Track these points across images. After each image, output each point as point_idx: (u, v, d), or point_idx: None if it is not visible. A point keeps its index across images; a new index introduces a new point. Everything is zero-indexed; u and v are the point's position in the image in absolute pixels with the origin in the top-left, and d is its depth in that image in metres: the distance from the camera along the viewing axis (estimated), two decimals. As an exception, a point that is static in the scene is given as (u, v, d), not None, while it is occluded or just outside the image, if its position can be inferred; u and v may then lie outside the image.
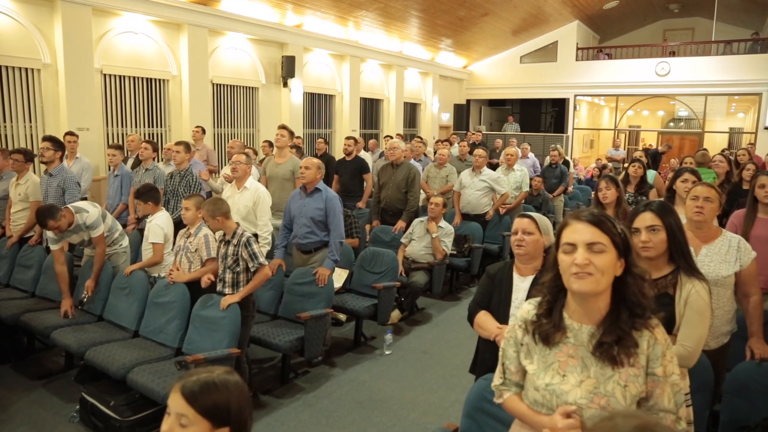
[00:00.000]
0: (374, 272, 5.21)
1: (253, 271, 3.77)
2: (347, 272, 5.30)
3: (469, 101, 17.61)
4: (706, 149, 8.20)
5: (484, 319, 2.57)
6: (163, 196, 5.67)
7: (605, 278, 1.51)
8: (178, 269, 4.06)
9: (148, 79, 8.56)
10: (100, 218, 4.46)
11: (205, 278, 3.88)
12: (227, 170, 6.10)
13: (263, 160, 7.19)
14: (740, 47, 14.88)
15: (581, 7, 14.73)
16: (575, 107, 16.69)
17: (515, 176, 7.39)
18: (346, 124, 12.57)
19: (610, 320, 1.54)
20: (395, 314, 5.47)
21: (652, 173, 7.30)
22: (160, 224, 4.48)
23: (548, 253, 2.58)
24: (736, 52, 14.77)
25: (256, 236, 4.79)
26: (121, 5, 7.77)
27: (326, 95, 12.30)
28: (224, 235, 3.83)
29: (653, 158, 11.57)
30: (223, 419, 1.29)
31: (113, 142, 7.79)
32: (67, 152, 6.14)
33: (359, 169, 7.23)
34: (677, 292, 2.28)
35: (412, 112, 15.57)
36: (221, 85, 9.72)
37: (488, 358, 2.58)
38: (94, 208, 4.50)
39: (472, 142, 11.04)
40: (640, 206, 2.47)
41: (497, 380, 1.78)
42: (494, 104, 18.71)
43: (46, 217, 4.20)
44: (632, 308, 1.54)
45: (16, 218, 5.32)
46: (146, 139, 5.99)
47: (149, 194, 4.55)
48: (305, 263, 4.70)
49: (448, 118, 17.02)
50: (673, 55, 15.37)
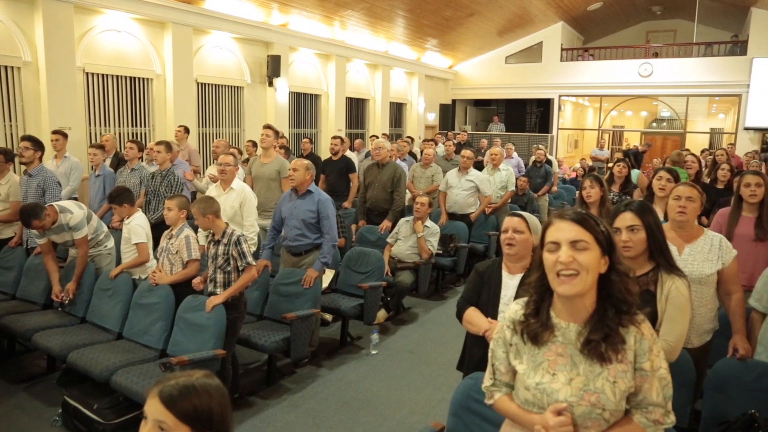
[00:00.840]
0: (360, 272, 5.20)
1: (241, 270, 3.75)
2: (333, 272, 5.29)
3: (454, 101, 17.67)
4: (687, 149, 8.32)
5: (473, 314, 2.59)
6: (144, 196, 5.63)
7: (590, 276, 1.52)
8: (161, 271, 4.03)
9: (131, 77, 8.48)
10: (84, 220, 4.39)
11: (196, 281, 3.85)
12: (213, 170, 6.05)
13: (247, 160, 7.15)
14: (720, 49, 15.12)
15: (565, 8, 14.85)
16: (560, 107, 16.82)
17: (501, 176, 7.43)
18: (331, 123, 12.55)
19: (596, 318, 1.56)
20: (381, 314, 5.48)
21: (636, 173, 7.39)
22: (140, 224, 4.41)
23: (535, 252, 2.61)
24: (716, 54, 15.01)
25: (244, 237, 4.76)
26: (103, 3, 7.69)
27: (312, 95, 12.27)
28: (213, 234, 3.80)
29: (635, 158, 11.71)
30: (204, 424, 1.26)
31: (96, 141, 7.71)
32: (55, 152, 6.06)
33: (346, 168, 7.23)
34: (658, 288, 2.32)
35: (398, 111, 15.59)
36: (206, 84, 9.65)
37: (477, 353, 2.60)
38: (79, 209, 4.43)
39: (458, 142, 11.09)
40: (620, 206, 2.51)
41: (487, 381, 1.78)
42: (480, 104, 18.80)
43: (30, 216, 4.14)
44: (618, 305, 1.55)
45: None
46: (131, 138, 5.90)
47: (123, 197, 4.43)
48: (295, 266, 4.64)
49: (434, 118, 17.06)
50: (655, 56, 15.55)
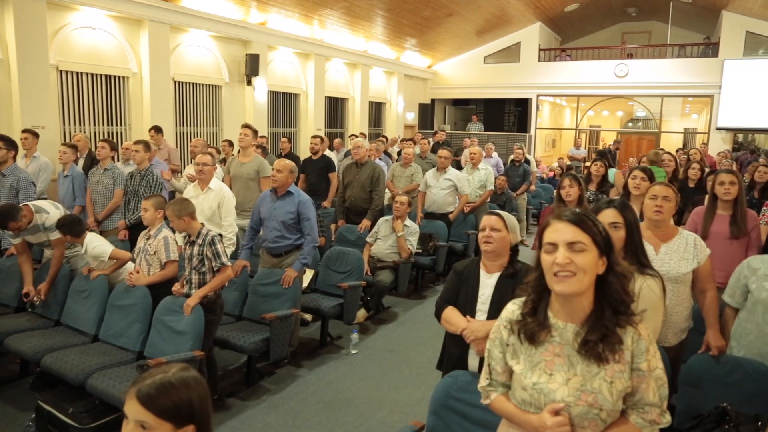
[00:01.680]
0: (340, 272, 5.20)
1: (216, 270, 3.72)
2: (313, 272, 5.28)
3: (433, 101, 17.73)
4: (662, 149, 8.46)
5: (451, 314, 2.61)
6: (123, 196, 5.55)
7: (587, 277, 1.52)
8: (138, 272, 3.98)
9: (107, 75, 8.34)
10: None
11: (176, 287, 3.82)
12: (191, 170, 5.99)
13: (224, 159, 7.08)
14: (693, 51, 15.43)
15: (543, 8, 14.99)
16: (538, 107, 16.98)
17: (480, 175, 7.48)
18: (310, 123, 12.50)
19: (594, 318, 1.56)
20: (361, 313, 5.48)
21: (613, 171, 7.51)
22: (96, 243, 4.27)
23: (514, 251, 2.65)
24: (689, 55, 15.30)
25: (220, 237, 4.71)
26: (77, -1, 7.56)
27: (291, 94, 12.20)
28: (189, 235, 3.77)
29: (611, 157, 11.85)
30: (185, 418, 1.25)
31: (70, 140, 7.57)
32: (24, 151, 5.94)
33: (326, 168, 7.21)
34: (630, 286, 2.37)
35: (377, 111, 15.59)
36: (183, 82, 9.54)
37: (455, 353, 2.62)
38: (55, 209, 4.34)
39: (436, 141, 11.13)
40: (602, 203, 2.54)
41: (483, 381, 1.78)
42: (459, 104, 18.88)
43: (6, 218, 4.03)
44: (615, 306, 1.55)
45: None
46: (103, 137, 5.78)
47: (70, 227, 4.17)
48: (275, 267, 4.59)
49: (413, 117, 17.09)
50: (631, 57, 15.79)
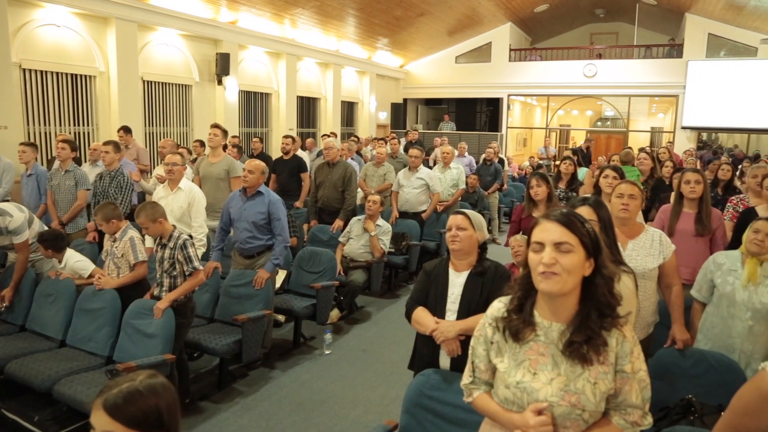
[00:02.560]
0: (312, 272, 5.19)
1: (188, 274, 3.68)
2: (285, 272, 5.25)
3: (406, 100, 17.79)
4: (630, 147, 8.64)
5: (421, 314, 2.62)
6: (93, 197, 5.43)
7: (572, 278, 1.52)
8: (104, 275, 3.90)
9: (72, 74, 8.15)
10: (25, 224, 4.19)
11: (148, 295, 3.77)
12: (160, 170, 5.90)
13: (195, 159, 6.99)
14: (659, 52, 15.79)
15: (513, 9, 15.16)
16: (509, 107, 17.17)
17: (452, 174, 7.53)
18: (282, 122, 12.42)
19: (579, 320, 1.55)
20: (334, 313, 5.47)
21: (583, 170, 7.64)
22: (78, 258, 4.26)
23: (483, 249, 2.68)
24: (655, 56, 15.66)
25: (191, 238, 4.65)
26: (40, -4, 7.37)
27: (262, 93, 12.11)
28: (161, 238, 3.71)
29: (581, 156, 12.03)
30: (154, 425, 1.24)
31: (34, 141, 7.39)
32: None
33: (297, 168, 7.18)
34: None
35: (349, 110, 15.57)
36: (152, 82, 9.38)
37: (425, 353, 2.64)
38: (20, 212, 4.22)
39: (408, 141, 11.17)
40: (577, 200, 2.59)
41: (466, 379, 1.78)
42: (431, 103, 18.98)
43: None
44: (601, 309, 1.55)
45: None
46: (63, 137, 5.55)
47: (54, 243, 4.19)
48: (247, 268, 4.55)
49: (385, 117, 17.12)
50: (599, 57, 16.08)
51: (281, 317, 5.33)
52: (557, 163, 8.83)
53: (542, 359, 1.58)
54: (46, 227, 4.64)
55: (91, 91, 8.45)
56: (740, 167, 8.53)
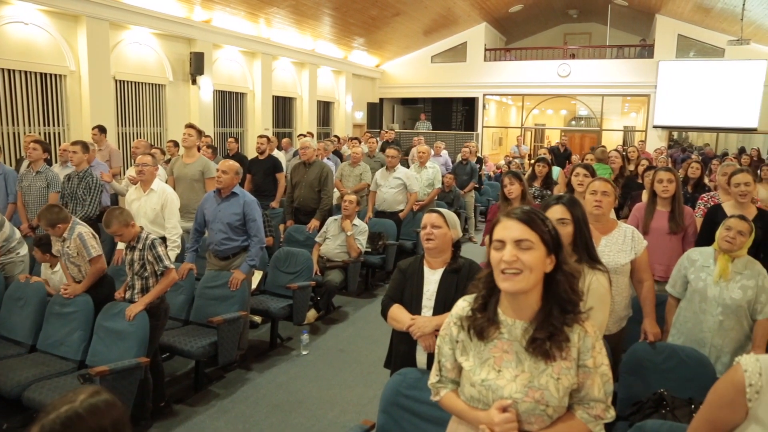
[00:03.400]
0: (289, 272, 5.16)
1: (159, 274, 3.63)
2: (261, 273, 5.21)
3: (382, 100, 17.80)
4: (604, 146, 8.77)
5: (396, 311, 2.64)
6: (61, 199, 5.32)
7: (533, 275, 1.53)
8: (69, 285, 3.81)
9: (42, 74, 7.97)
10: None
11: (118, 294, 3.70)
12: (132, 172, 5.81)
13: (169, 160, 6.90)
14: (630, 52, 16.08)
15: (488, 9, 15.28)
16: (484, 106, 17.30)
17: (428, 173, 7.56)
18: (258, 122, 12.33)
19: (542, 317, 1.57)
20: (311, 314, 5.46)
21: (557, 170, 7.73)
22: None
23: (456, 246, 2.70)
24: (627, 56, 15.94)
25: (164, 239, 4.59)
26: (7, -7, 7.19)
27: (237, 93, 12.00)
28: (129, 240, 3.66)
29: (555, 156, 12.14)
30: None
31: (2, 141, 7.21)
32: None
33: (272, 168, 7.13)
34: (580, 281, 2.45)
35: (325, 110, 15.52)
36: (125, 81, 9.23)
37: (402, 350, 2.65)
38: None
39: (384, 140, 11.17)
40: (551, 199, 2.62)
41: (433, 378, 1.78)
42: (407, 103, 19.02)
43: None
44: (563, 305, 1.57)
45: None
46: (34, 138, 5.43)
47: (51, 247, 4.17)
48: (223, 269, 4.49)
49: (361, 116, 17.11)
50: (573, 57, 16.29)
51: (257, 318, 5.29)
52: (531, 162, 8.92)
53: (506, 357, 1.60)
54: (17, 230, 4.54)
55: (61, 90, 8.27)
56: (710, 165, 8.74)
